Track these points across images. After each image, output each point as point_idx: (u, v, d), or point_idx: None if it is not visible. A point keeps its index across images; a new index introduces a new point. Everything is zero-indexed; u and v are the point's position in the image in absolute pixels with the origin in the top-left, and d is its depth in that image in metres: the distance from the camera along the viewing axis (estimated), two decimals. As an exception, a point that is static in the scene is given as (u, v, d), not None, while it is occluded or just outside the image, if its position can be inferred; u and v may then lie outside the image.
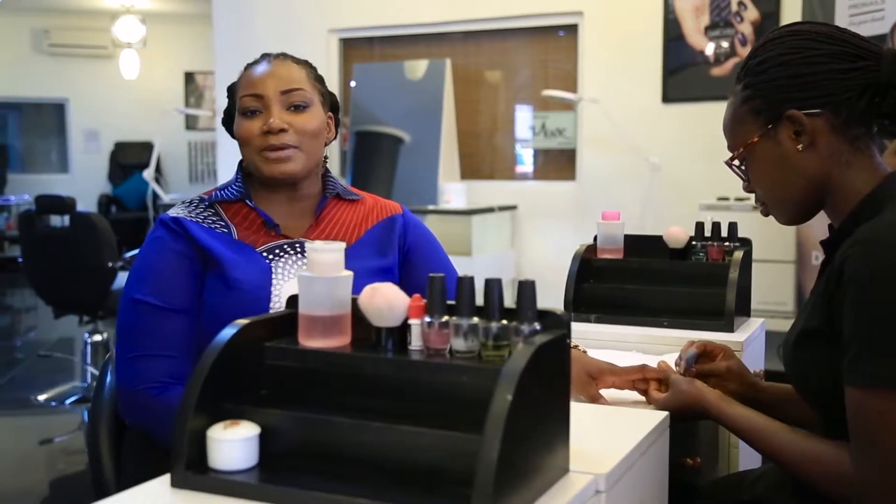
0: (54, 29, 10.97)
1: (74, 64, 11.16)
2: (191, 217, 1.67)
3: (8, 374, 5.66)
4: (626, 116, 5.13)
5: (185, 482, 1.06)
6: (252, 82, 1.68)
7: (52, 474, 3.98)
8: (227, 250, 1.64)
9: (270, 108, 1.65)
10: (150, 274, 1.63)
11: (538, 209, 5.53)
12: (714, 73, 5.01)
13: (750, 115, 1.42)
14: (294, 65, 1.73)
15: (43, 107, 11.65)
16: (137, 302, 1.61)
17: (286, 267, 1.67)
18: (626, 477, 1.22)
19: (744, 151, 1.44)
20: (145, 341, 1.59)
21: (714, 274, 2.16)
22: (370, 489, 1.00)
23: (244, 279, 1.62)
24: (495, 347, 1.06)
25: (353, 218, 1.79)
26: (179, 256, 1.63)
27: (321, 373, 1.12)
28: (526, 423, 0.99)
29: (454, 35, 5.74)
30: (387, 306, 1.09)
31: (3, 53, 11.00)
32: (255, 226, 1.70)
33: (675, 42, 5.05)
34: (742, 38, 4.91)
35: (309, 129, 1.68)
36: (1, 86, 11.13)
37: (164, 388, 1.57)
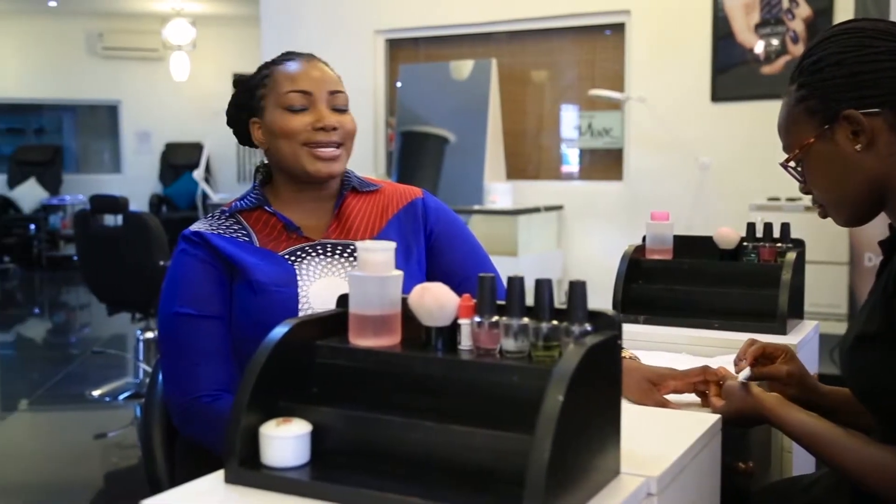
0: (107, 32, 11.14)
1: (127, 66, 11.33)
2: (211, 229, 1.68)
3: (63, 371, 5.76)
4: (674, 115, 5.08)
5: (239, 478, 1.06)
6: (296, 78, 1.68)
7: (106, 468, 4.04)
8: (251, 257, 1.65)
9: (318, 105, 1.66)
10: (181, 287, 1.65)
11: (585, 209, 5.50)
12: (764, 71, 4.94)
13: (805, 116, 1.39)
14: (326, 66, 1.74)
15: (97, 108, 11.84)
16: (174, 315, 1.63)
17: (310, 268, 1.67)
18: (678, 480, 1.21)
19: (800, 153, 1.41)
20: (188, 351, 1.61)
21: (766, 275, 2.12)
22: (421, 488, 1.00)
23: (269, 283, 1.62)
24: (545, 348, 1.06)
25: (372, 209, 1.78)
26: (205, 266, 1.65)
27: (371, 372, 1.12)
28: (577, 424, 0.98)
29: (500, 35, 5.72)
30: (437, 306, 1.09)
31: (58, 56, 11.21)
32: (275, 231, 1.71)
33: (725, 40, 4.99)
34: (794, 36, 4.82)
35: (352, 129, 1.70)
36: (57, 88, 11.34)
37: (214, 398, 1.58)
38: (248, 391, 1.07)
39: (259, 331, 1.51)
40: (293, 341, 1.12)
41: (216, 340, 1.62)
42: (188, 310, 1.62)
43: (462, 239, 1.83)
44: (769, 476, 1.97)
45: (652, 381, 1.56)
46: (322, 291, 1.64)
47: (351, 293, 1.14)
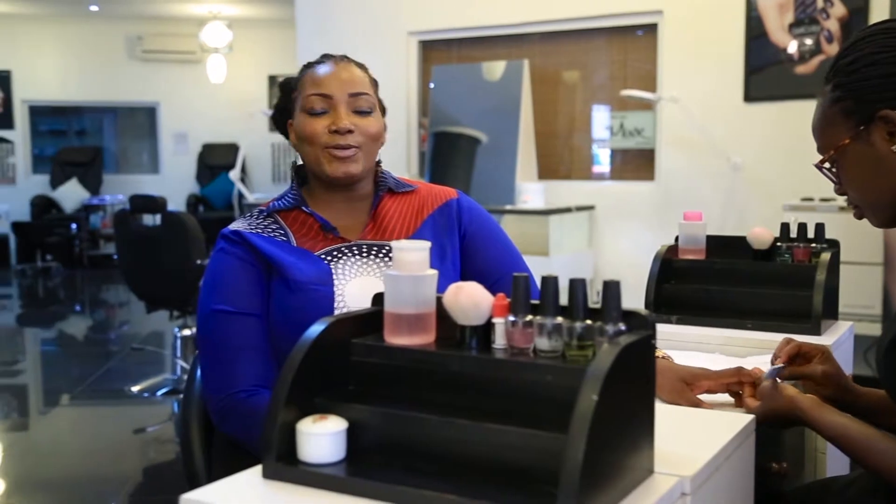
0: (147, 35, 11.25)
1: (165, 69, 11.44)
2: (249, 228, 1.69)
3: (103, 367, 5.83)
4: (706, 116, 5.03)
5: (276, 473, 1.07)
6: (319, 82, 1.69)
7: (145, 462, 4.08)
8: (288, 256, 1.65)
9: (338, 108, 1.67)
10: (220, 284, 1.66)
11: (616, 209, 5.47)
12: (798, 71, 4.88)
13: (841, 117, 1.37)
14: (357, 68, 1.74)
15: (136, 110, 11.96)
16: (213, 312, 1.64)
17: (346, 268, 1.67)
18: (712, 480, 1.20)
19: (835, 154, 1.39)
20: (225, 347, 1.62)
21: (800, 275, 2.10)
22: (456, 485, 0.99)
23: (306, 282, 1.63)
24: (579, 347, 1.05)
25: (408, 210, 1.78)
26: (243, 264, 1.66)
27: (406, 370, 1.12)
28: (611, 424, 0.97)
29: (532, 36, 5.71)
30: (471, 305, 1.09)
31: (99, 59, 11.34)
32: (312, 231, 1.71)
33: (758, 40, 4.93)
34: (828, 35, 4.76)
35: (372, 132, 1.69)
36: (97, 90, 11.47)
37: (251, 394, 1.58)
38: (285, 388, 1.07)
39: (295, 329, 1.51)
40: (329, 339, 1.12)
41: (253, 337, 1.63)
42: (226, 307, 1.63)
43: (496, 239, 1.83)
44: (803, 477, 1.95)
45: (685, 381, 1.55)
46: (357, 291, 1.64)
47: (386, 292, 1.14)
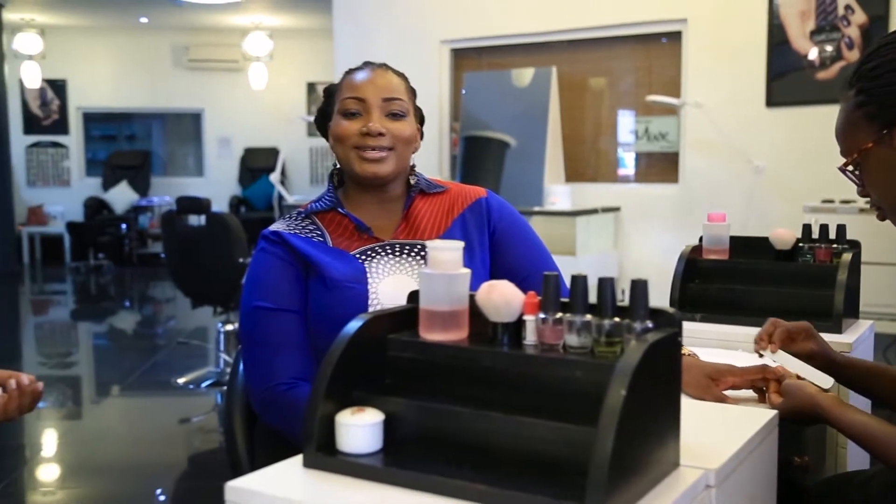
0: (192, 45, 11.35)
1: (210, 77, 11.53)
2: (288, 229, 1.70)
3: (151, 360, 5.88)
4: (729, 120, 4.99)
5: (316, 463, 1.07)
6: (355, 86, 1.69)
7: (190, 450, 4.11)
8: (324, 255, 1.66)
9: (371, 112, 1.66)
10: (260, 282, 1.67)
11: (641, 211, 5.44)
12: (819, 77, 4.82)
13: (864, 121, 1.35)
14: (394, 75, 1.73)
15: (182, 116, 12.07)
16: (254, 309, 1.65)
17: (379, 266, 1.67)
18: (736, 473, 1.19)
19: (858, 157, 1.37)
20: (266, 342, 1.63)
21: (822, 275, 2.08)
22: (487, 476, 0.99)
23: (342, 280, 1.63)
24: (608, 344, 1.04)
25: (439, 209, 1.77)
26: (283, 263, 1.67)
27: (440, 364, 1.12)
28: (638, 418, 0.97)
29: (559, 44, 5.69)
30: (503, 302, 1.08)
31: (148, 68, 11.46)
32: (347, 231, 1.72)
33: (780, 46, 4.88)
34: (849, 42, 4.70)
35: (404, 135, 1.69)
36: (146, 98, 11.59)
37: (290, 386, 1.59)
38: (325, 381, 1.08)
39: (331, 325, 1.52)
40: (367, 335, 1.12)
41: (293, 333, 1.64)
42: (267, 304, 1.64)
43: (525, 237, 1.81)
44: (824, 471, 1.93)
45: (711, 377, 1.53)
46: (391, 289, 1.64)
47: (421, 290, 1.14)
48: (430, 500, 0.99)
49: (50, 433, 4.41)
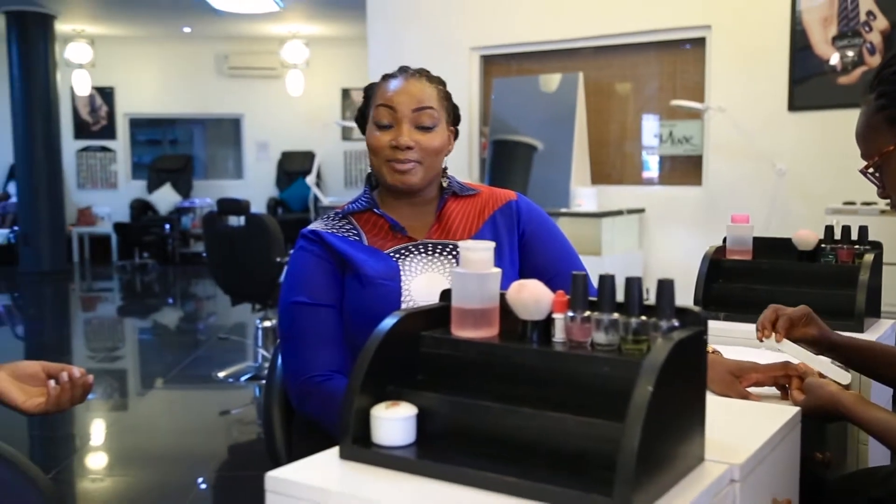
0: (232, 54, 11.44)
1: (249, 84, 11.61)
2: (326, 229, 1.71)
3: (193, 354, 5.94)
4: (752, 124, 4.94)
5: (352, 455, 1.07)
6: (387, 95, 1.68)
7: (229, 441, 4.15)
8: (360, 253, 1.67)
9: (401, 124, 1.66)
10: (299, 279, 1.68)
11: (665, 212, 5.40)
12: (841, 81, 4.75)
13: (885, 124, 1.33)
14: (428, 83, 1.71)
15: (222, 121, 12.16)
16: (293, 304, 1.66)
17: (412, 265, 1.68)
18: (760, 468, 1.17)
19: (879, 159, 1.35)
20: (303, 336, 1.64)
21: (844, 275, 2.05)
22: (517, 469, 0.99)
23: (376, 277, 1.64)
24: (635, 341, 1.04)
25: (470, 212, 1.77)
26: (320, 261, 1.68)
27: (472, 361, 1.12)
28: (665, 414, 0.96)
29: (586, 50, 5.66)
30: (533, 301, 1.08)
31: (190, 76, 11.56)
32: (383, 231, 1.72)
33: (802, 52, 4.82)
34: (870, 47, 4.63)
35: (433, 147, 1.68)
36: (188, 104, 11.70)
37: (326, 378, 1.60)
38: (360, 376, 1.08)
39: (366, 320, 1.53)
40: (401, 332, 1.12)
41: (329, 327, 1.65)
42: (305, 299, 1.65)
43: (553, 238, 1.81)
44: (845, 466, 1.91)
45: (735, 374, 1.52)
46: (423, 286, 1.65)
47: (454, 288, 1.14)
48: (461, 491, 0.99)
49: (98, 423, 4.46)
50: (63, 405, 1.40)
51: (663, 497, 0.98)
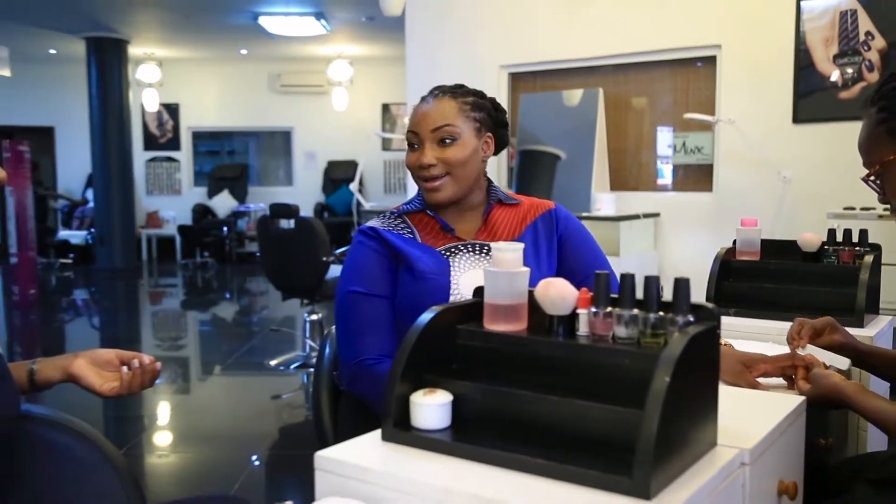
0: (284, 73, 11.52)
1: (298, 100, 11.68)
2: (383, 226, 1.72)
3: (247, 345, 5.98)
4: (759, 135, 4.88)
5: (393, 437, 1.08)
6: (413, 120, 1.70)
7: (280, 423, 4.17)
8: (414, 250, 1.67)
9: (424, 144, 1.67)
10: (356, 270, 1.68)
11: (678, 217, 5.35)
12: (841, 96, 4.67)
13: (885, 136, 1.31)
14: (450, 100, 1.69)
15: (274, 134, 12.25)
16: (349, 293, 1.66)
17: (461, 262, 1.67)
18: (768, 453, 1.16)
19: (880, 168, 1.33)
20: (357, 322, 1.64)
21: (846, 275, 2.03)
22: (544, 451, 0.98)
23: (427, 271, 1.64)
24: (653, 335, 1.03)
25: (513, 219, 1.77)
26: (377, 255, 1.68)
27: (502, 352, 1.11)
28: (681, 402, 0.95)
29: (606, 67, 5.62)
30: (559, 297, 1.07)
31: (246, 93, 11.67)
32: (434, 230, 1.73)
33: (806, 69, 4.75)
34: (869, 65, 4.55)
35: (455, 159, 1.66)
36: (245, 118, 11.81)
37: (377, 362, 1.60)
38: (401, 365, 1.08)
39: (417, 311, 1.53)
40: (438, 325, 1.12)
41: (381, 315, 1.65)
42: (360, 289, 1.65)
43: (586, 243, 1.80)
44: (846, 451, 1.88)
45: (745, 365, 1.50)
46: (470, 281, 1.65)
47: (486, 285, 1.13)
48: (493, 471, 0.99)
49: (164, 405, 4.51)
50: (134, 389, 1.41)
51: (679, 478, 0.97)
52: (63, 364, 1.38)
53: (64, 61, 11.23)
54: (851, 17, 4.58)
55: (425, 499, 0.96)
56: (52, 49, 10.74)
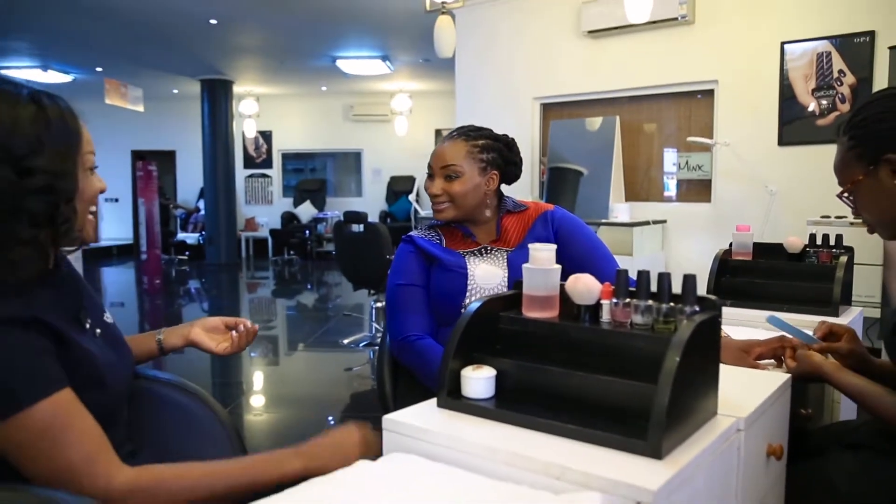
0: (356, 104, 11.60)
1: (367, 126, 11.76)
2: (418, 234, 1.77)
3: (324, 326, 6.03)
4: (750, 156, 4.77)
5: (447, 404, 1.08)
6: (432, 155, 1.74)
7: (350, 390, 4.17)
8: (440, 252, 1.71)
9: (435, 176, 1.71)
10: (399, 268, 1.72)
11: (682, 223, 5.25)
12: (819, 123, 4.55)
13: (855, 160, 1.28)
14: (461, 143, 1.70)
15: (347, 154, 12.34)
16: (395, 285, 1.70)
17: (476, 259, 1.70)
18: (759, 421, 1.13)
19: (852, 187, 1.30)
20: (402, 307, 1.67)
21: (824, 273, 1.97)
22: (573, 417, 0.98)
23: (451, 266, 1.67)
24: (665, 322, 1.01)
25: (520, 223, 1.77)
26: (413, 255, 1.72)
27: (538, 335, 1.11)
28: (687, 378, 0.93)
29: (622, 99, 5.54)
30: (586, 290, 1.06)
31: (325, 121, 11.79)
32: (457, 238, 1.75)
33: (789, 100, 4.63)
34: (841, 97, 4.44)
35: (456, 192, 1.68)
36: (323, 142, 11.93)
37: (418, 338, 1.63)
38: (454, 346, 1.08)
39: (445, 295, 1.64)
40: (483, 313, 1.12)
41: (419, 300, 1.68)
42: (403, 281, 1.70)
43: (583, 236, 1.74)
44: (823, 419, 1.84)
45: (744, 350, 1.47)
46: (482, 273, 1.68)
47: (524, 279, 1.13)
48: (529, 434, 0.98)
49: (258, 375, 4.58)
50: (242, 347, 1.41)
51: (685, 442, 0.95)
52: (183, 332, 1.40)
53: (183, 98, 11.50)
54: (826, 57, 4.49)
55: (473, 455, 0.96)
56: (174, 89, 11.01)
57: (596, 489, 0.85)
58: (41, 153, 0.95)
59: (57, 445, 0.91)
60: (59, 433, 0.91)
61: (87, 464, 0.92)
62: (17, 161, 0.94)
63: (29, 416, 0.90)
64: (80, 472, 0.91)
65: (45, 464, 0.91)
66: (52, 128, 0.97)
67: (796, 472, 1.35)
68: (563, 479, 0.88)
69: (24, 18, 6.71)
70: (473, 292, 1.65)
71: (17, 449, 0.91)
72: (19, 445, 0.91)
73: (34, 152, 0.95)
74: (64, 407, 0.92)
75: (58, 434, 0.91)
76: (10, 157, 0.94)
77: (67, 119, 1.00)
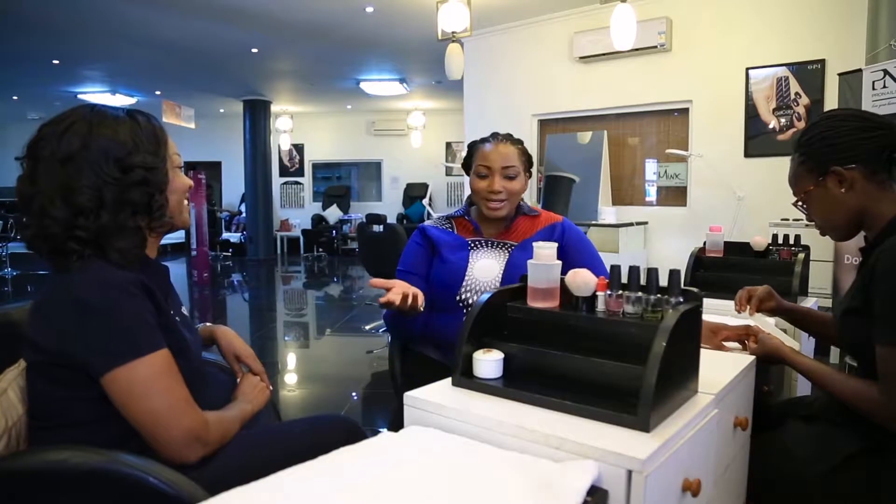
0: (377, 121, 11.59)
1: (386, 140, 11.75)
2: (431, 224, 1.76)
3: (349, 314, 6.03)
4: (720, 166, 4.73)
5: (460, 383, 1.07)
6: (485, 156, 1.67)
7: (371, 370, 4.15)
8: (446, 238, 1.69)
9: (494, 175, 1.65)
10: (404, 257, 1.73)
11: (661, 225, 5.22)
12: (779, 138, 4.54)
13: (806, 173, 1.30)
14: (511, 146, 1.68)
15: (369, 164, 12.34)
16: (398, 271, 1.71)
17: (478, 253, 1.68)
18: (729, 396, 1.13)
19: (804, 196, 1.31)
20: None
21: (785, 267, 1.97)
22: (571, 395, 0.97)
23: (449, 259, 1.65)
24: (653, 312, 1.00)
25: (530, 226, 1.74)
26: (419, 247, 1.72)
27: (541, 323, 1.10)
28: (672, 360, 0.93)
29: (609, 115, 5.51)
30: (583, 283, 1.06)
31: (350, 135, 11.78)
32: (468, 229, 1.74)
33: (753, 118, 4.61)
34: (798, 116, 4.45)
35: (515, 190, 1.67)
36: (348, 153, 11.92)
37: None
38: (466, 331, 1.07)
39: (443, 284, 1.61)
40: (493, 303, 1.11)
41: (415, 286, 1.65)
42: (403, 268, 1.71)
43: (583, 248, 1.74)
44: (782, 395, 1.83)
45: (712, 331, 1.46)
46: (481, 265, 1.65)
47: (529, 273, 1.12)
48: (533, 409, 0.98)
49: (291, 356, 4.58)
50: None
51: (670, 417, 0.95)
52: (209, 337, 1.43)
53: (228, 116, 11.54)
54: (785, 82, 4.51)
55: (483, 428, 0.95)
56: (221, 108, 11.06)
57: (591, 458, 0.85)
58: (137, 153, 1.07)
59: (163, 390, 1.00)
60: (165, 378, 1.01)
61: (186, 403, 1.03)
62: (120, 161, 1.06)
63: (144, 362, 0.99)
64: (180, 410, 1.01)
65: (154, 402, 0.99)
66: (143, 133, 1.09)
67: (759, 441, 1.35)
68: (562, 448, 0.88)
69: (97, 51, 6.90)
70: (469, 284, 1.61)
71: (127, 388, 0.98)
72: (131, 384, 0.98)
73: (131, 153, 1.07)
74: (168, 360, 1.02)
75: (165, 379, 1.01)
76: (116, 158, 1.05)
77: (155, 127, 1.12)
